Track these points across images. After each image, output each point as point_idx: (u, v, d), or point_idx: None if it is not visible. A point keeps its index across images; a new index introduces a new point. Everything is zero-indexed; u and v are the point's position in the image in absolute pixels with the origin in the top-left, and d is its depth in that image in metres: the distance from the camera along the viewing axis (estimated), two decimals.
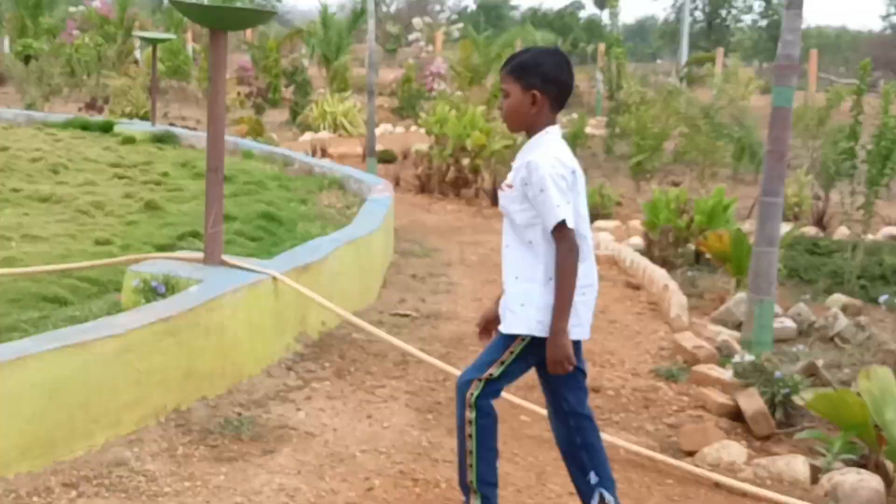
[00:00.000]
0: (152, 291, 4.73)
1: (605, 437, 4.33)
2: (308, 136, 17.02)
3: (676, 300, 6.48)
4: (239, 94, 20.93)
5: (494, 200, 10.96)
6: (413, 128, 18.02)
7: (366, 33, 31.60)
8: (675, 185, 11.47)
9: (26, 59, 23.00)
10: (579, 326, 3.29)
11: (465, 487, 3.37)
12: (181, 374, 4.32)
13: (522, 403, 4.61)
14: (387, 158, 13.90)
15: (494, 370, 3.29)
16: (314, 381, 4.91)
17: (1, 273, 5.41)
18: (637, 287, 7.32)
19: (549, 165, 3.18)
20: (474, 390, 3.28)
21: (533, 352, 3.27)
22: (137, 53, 27.56)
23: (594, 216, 9.97)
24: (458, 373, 4.70)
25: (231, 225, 6.95)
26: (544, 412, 4.42)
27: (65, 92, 21.68)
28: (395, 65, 32.40)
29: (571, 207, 3.19)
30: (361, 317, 5.60)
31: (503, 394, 3.39)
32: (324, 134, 17.10)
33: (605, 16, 56.47)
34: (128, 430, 4.01)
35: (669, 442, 4.54)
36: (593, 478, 3.39)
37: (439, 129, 11.72)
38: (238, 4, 32.28)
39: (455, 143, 11.44)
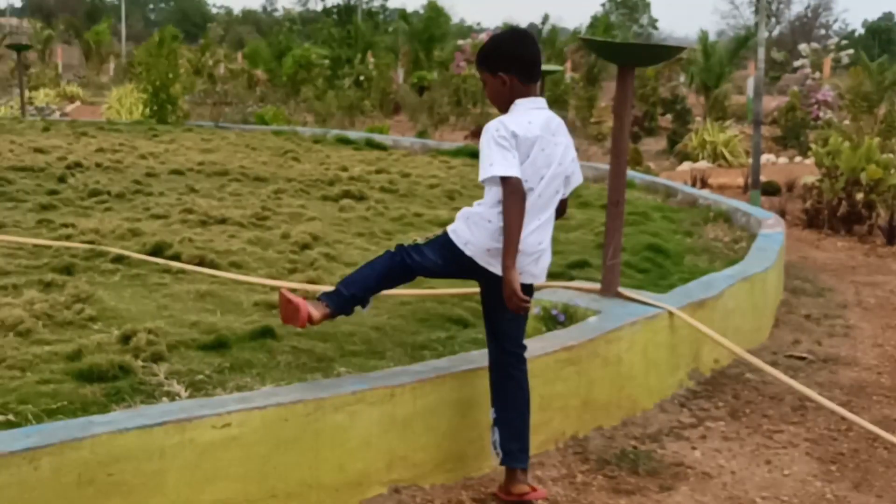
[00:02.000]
0: (552, 319, 4.88)
1: None
2: (686, 165, 16.85)
3: None
4: None
5: (891, 238, 10.24)
6: (797, 158, 17.30)
7: (744, 60, 30.87)
8: None
9: (420, 90, 24.66)
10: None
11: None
12: (580, 402, 4.42)
13: None
14: (770, 190, 13.43)
15: (421, 240, 3.87)
16: (708, 419, 4.83)
17: (411, 294, 5.82)
18: None
19: (492, 128, 3.57)
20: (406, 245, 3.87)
21: (445, 250, 3.73)
22: None
23: None
24: (862, 422, 4.48)
25: None
26: None
27: (451, 120, 23.04)
28: (775, 92, 31.31)
29: (513, 161, 3.51)
30: (754, 357, 5.44)
31: None
32: (702, 164, 16.85)
33: None
34: (530, 453, 4.15)
35: None
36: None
37: (831, 160, 11.14)
38: (615, 34, 32.71)
39: (848, 176, 10.83)
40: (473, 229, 3.68)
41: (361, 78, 24.73)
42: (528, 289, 3.73)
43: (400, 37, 34.90)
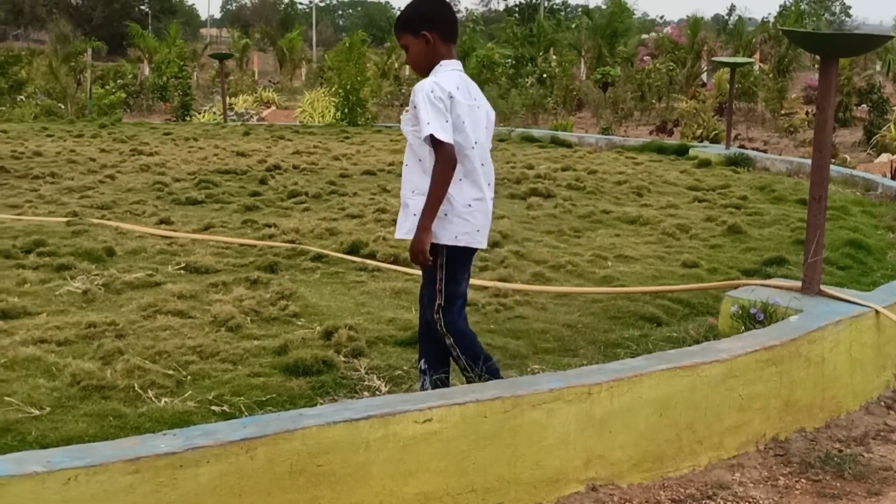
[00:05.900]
0: (751, 318, 4.76)
1: None
2: (884, 157, 16.06)
3: None
4: (808, 113, 20.41)
5: None
6: None
7: None
8: None
9: (603, 86, 24.43)
10: (467, 235, 3.73)
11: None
12: (781, 403, 4.30)
13: None
14: None
15: (440, 299, 3.78)
16: None
17: (602, 291, 5.80)
18: None
19: (426, 88, 3.62)
20: (440, 324, 3.81)
21: (454, 261, 3.75)
22: (704, 76, 28.01)
23: None
24: None
25: None
26: None
27: (635, 116, 22.73)
28: None
29: (447, 125, 3.56)
30: None
31: None
32: None
33: None
34: (729, 454, 4.08)
35: None
36: (422, 365, 3.95)
37: None
38: (806, 23, 31.47)
39: None
40: (446, 221, 3.70)
41: (544, 76, 24.69)
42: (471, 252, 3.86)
43: (583, 33, 34.70)
